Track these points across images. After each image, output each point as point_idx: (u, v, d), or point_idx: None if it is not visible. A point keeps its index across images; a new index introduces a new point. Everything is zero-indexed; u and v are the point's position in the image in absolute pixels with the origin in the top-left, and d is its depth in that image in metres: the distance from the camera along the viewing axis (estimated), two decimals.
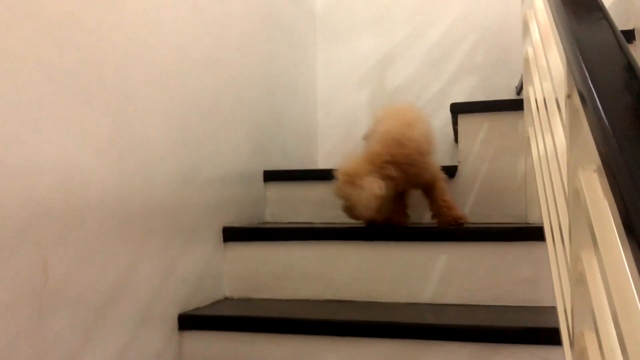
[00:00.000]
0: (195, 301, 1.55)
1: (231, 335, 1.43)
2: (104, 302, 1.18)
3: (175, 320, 1.45)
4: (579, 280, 0.91)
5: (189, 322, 1.46)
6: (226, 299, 1.69)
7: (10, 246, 0.95)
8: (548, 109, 1.30)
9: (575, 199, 0.91)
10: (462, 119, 1.97)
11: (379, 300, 1.60)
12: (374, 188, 1.55)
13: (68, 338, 1.08)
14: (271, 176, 2.08)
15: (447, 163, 2.02)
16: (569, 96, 0.93)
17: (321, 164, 2.72)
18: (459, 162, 1.95)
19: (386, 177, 1.58)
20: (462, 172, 1.94)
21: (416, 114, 1.77)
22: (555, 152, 1.14)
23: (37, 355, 1.00)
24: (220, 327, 1.45)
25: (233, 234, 1.74)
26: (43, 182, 1.02)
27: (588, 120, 0.76)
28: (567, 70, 0.94)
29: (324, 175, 1.76)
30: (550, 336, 1.20)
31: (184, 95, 1.53)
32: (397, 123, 1.69)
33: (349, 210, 1.62)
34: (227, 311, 1.54)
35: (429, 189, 1.73)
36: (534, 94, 1.59)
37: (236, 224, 1.79)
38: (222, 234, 1.73)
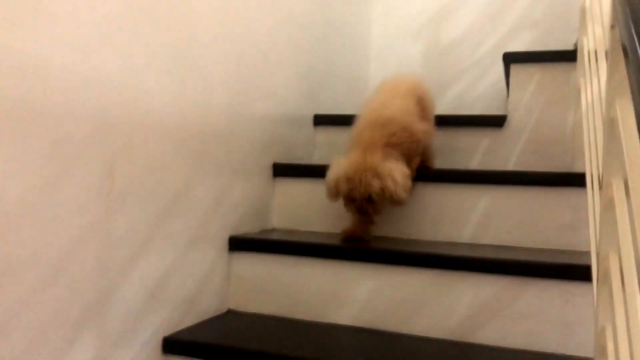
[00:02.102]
0: (245, 228, 1.65)
1: (276, 258, 1.53)
2: (163, 212, 1.29)
3: (226, 242, 1.56)
4: (608, 206, 0.94)
5: (239, 244, 1.57)
6: (274, 229, 1.79)
7: (81, 150, 1.06)
8: (597, 53, 1.31)
9: (610, 128, 0.94)
10: (514, 69, 1.97)
11: (419, 239, 1.66)
12: (403, 169, 1.50)
13: (130, 239, 1.19)
14: (321, 120, 2.15)
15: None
16: (612, 27, 0.95)
17: None
18: (508, 111, 1.96)
19: (398, 158, 1.53)
20: (511, 121, 1.95)
21: (396, 89, 1.70)
22: (600, 91, 1.16)
23: (104, 251, 1.12)
24: (267, 250, 1.54)
25: (283, 170, 1.83)
26: (110, 95, 1.12)
27: (622, 47, 0.79)
28: (612, 3, 0.96)
29: None
30: (582, 273, 1.24)
31: (242, 30, 1.60)
32: (375, 106, 1.65)
33: (379, 204, 1.50)
34: (274, 237, 1.64)
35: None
36: (587, 43, 1.58)
37: (286, 162, 1.88)
38: (272, 170, 1.82)
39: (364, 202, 1.49)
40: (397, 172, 1.48)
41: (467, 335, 1.36)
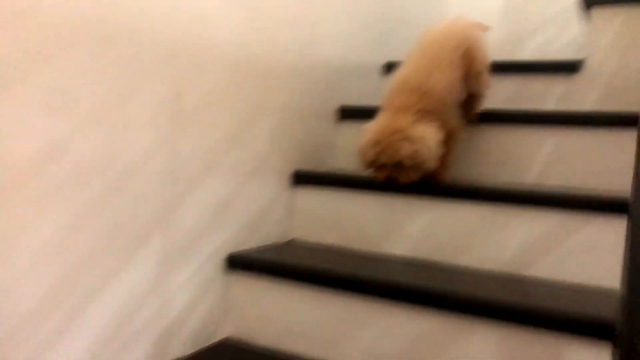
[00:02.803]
0: (310, 165, 1.72)
1: (338, 192, 1.59)
2: (226, 140, 1.37)
3: (289, 176, 1.64)
4: None
5: (302, 178, 1.64)
6: (339, 169, 1.85)
7: (151, 71, 1.15)
8: None
9: None
10: (595, 12, 1.89)
11: (481, 180, 1.66)
12: (436, 134, 1.39)
13: (195, 160, 1.29)
14: (392, 68, 2.16)
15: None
16: None
17: None
18: (585, 56, 1.89)
19: (433, 121, 1.41)
20: (588, 66, 1.88)
21: (442, 48, 1.53)
22: None
23: (170, 167, 1.22)
24: (329, 184, 1.60)
25: (349, 113, 1.88)
26: (177, 23, 1.21)
27: None
28: None
29: None
30: None
31: None
32: (414, 68, 1.51)
33: (409, 171, 1.39)
34: (336, 173, 1.69)
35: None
36: None
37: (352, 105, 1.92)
38: (338, 113, 1.87)
39: (394, 169, 1.39)
40: (430, 136, 1.37)
41: (521, 268, 1.36)
